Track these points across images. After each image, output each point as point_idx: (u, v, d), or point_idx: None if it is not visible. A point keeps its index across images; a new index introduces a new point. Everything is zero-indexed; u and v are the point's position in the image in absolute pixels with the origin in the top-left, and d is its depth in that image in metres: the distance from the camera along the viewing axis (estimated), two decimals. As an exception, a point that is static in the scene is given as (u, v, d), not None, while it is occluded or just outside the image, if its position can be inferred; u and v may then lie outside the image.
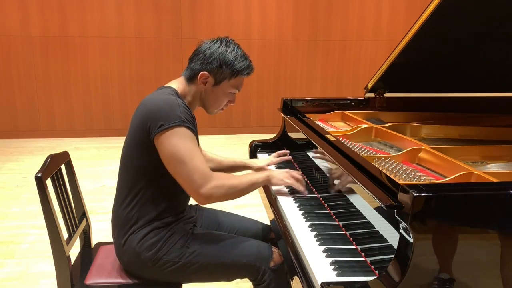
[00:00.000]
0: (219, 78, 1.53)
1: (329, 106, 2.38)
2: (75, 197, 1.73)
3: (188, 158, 1.38)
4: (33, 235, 2.96)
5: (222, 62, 1.50)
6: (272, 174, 1.61)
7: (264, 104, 6.01)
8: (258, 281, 1.51)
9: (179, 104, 1.42)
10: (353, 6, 5.90)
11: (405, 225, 1.01)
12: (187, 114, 1.43)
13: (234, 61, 1.52)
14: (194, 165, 1.38)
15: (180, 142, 1.38)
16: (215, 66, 1.51)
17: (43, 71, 5.41)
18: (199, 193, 1.39)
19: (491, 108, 2.34)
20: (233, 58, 1.51)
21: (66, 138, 5.58)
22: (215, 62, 1.50)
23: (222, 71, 1.52)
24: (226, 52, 1.51)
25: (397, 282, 1.00)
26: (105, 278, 1.53)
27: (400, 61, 2.03)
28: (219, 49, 1.51)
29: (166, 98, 1.44)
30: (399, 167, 1.55)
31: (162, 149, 1.40)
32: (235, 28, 5.68)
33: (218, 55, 1.50)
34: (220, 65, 1.51)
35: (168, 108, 1.40)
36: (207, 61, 1.51)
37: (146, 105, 1.46)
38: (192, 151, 1.40)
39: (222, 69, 1.51)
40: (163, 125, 1.38)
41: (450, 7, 1.70)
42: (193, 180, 1.39)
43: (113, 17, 5.41)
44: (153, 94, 1.50)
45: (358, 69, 6.10)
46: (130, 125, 1.51)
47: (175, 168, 1.40)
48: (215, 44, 1.53)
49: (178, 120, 1.39)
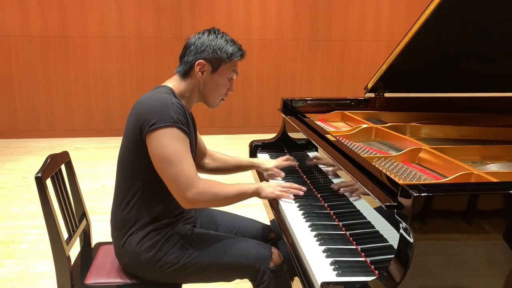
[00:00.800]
0: (216, 63, 1.51)
1: (329, 106, 2.38)
2: (75, 197, 1.73)
3: (176, 160, 1.37)
4: (33, 235, 2.96)
5: (215, 47, 1.49)
6: (262, 187, 1.58)
7: (264, 104, 6.01)
8: (258, 281, 1.51)
9: (173, 104, 1.41)
10: (353, 6, 5.90)
11: (405, 225, 1.01)
12: (181, 115, 1.42)
13: (227, 45, 1.51)
14: (182, 168, 1.37)
15: (170, 143, 1.37)
16: (209, 53, 1.49)
17: (43, 71, 5.41)
18: (185, 196, 1.39)
19: (491, 108, 2.34)
20: (225, 42, 1.51)
21: (66, 138, 5.58)
22: (209, 49, 1.49)
23: (217, 56, 1.50)
24: (217, 38, 1.51)
25: (397, 282, 1.00)
26: (105, 278, 1.52)
27: (400, 61, 2.03)
28: (209, 37, 1.51)
29: (161, 97, 1.43)
30: (399, 167, 1.55)
31: (151, 148, 1.39)
32: (235, 28, 5.68)
33: (210, 42, 1.50)
34: (214, 51, 1.49)
35: (161, 107, 1.39)
36: (200, 51, 1.50)
37: (140, 104, 1.45)
38: (181, 153, 1.38)
39: (217, 54, 1.50)
40: (154, 124, 1.37)
41: (450, 7, 1.70)
42: (179, 183, 1.37)
43: (113, 17, 5.41)
44: (148, 93, 1.49)
45: (358, 69, 6.10)
46: (126, 125, 1.50)
47: (162, 169, 1.39)
48: (203, 35, 1.53)
49: (170, 120, 1.38)
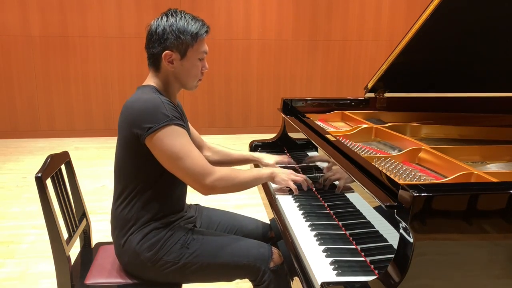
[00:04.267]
0: (183, 49, 1.45)
1: (329, 106, 2.38)
2: (75, 197, 1.73)
3: (185, 154, 1.38)
4: (33, 235, 2.96)
5: (177, 32, 1.43)
6: (276, 172, 1.62)
7: (264, 104, 6.01)
8: (258, 281, 1.51)
9: (163, 102, 1.40)
10: (353, 6, 5.89)
11: (405, 225, 1.01)
12: (174, 110, 1.42)
13: (188, 26, 1.44)
14: (192, 160, 1.39)
15: (173, 140, 1.38)
16: (173, 40, 1.43)
17: (43, 71, 5.41)
18: (203, 185, 1.41)
19: (491, 108, 2.34)
20: (186, 23, 1.44)
21: (66, 138, 5.58)
22: (171, 36, 1.43)
23: (182, 41, 1.44)
24: (176, 21, 1.43)
25: (397, 282, 1.00)
26: (105, 278, 1.53)
27: (400, 61, 2.03)
28: (168, 22, 1.43)
29: (149, 98, 1.41)
30: (399, 167, 1.55)
31: (157, 151, 1.40)
32: (235, 28, 5.68)
33: (170, 27, 1.43)
34: (178, 36, 1.43)
35: (153, 108, 1.38)
36: (163, 39, 1.43)
37: (130, 108, 1.42)
38: (187, 146, 1.40)
39: (181, 40, 1.43)
40: (152, 127, 1.36)
41: (450, 7, 1.70)
42: (195, 174, 1.39)
43: (113, 17, 5.41)
44: (135, 95, 1.46)
45: (358, 69, 6.10)
46: (118, 128, 1.49)
47: (174, 166, 1.40)
48: (162, 20, 1.45)
49: (166, 119, 1.38)
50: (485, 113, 2.30)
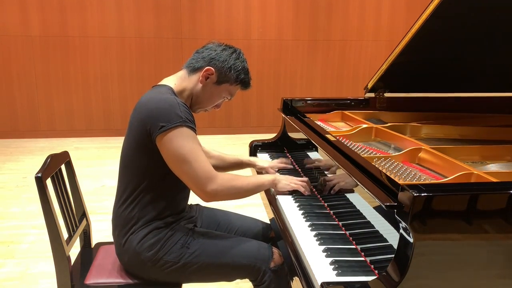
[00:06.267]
0: (223, 79, 1.56)
1: (329, 106, 2.38)
2: (75, 197, 1.73)
3: (192, 158, 1.39)
4: (33, 235, 2.96)
5: (232, 66, 1.54)
6: (278, 179, 1.65)
7: (264, 104, 6.01)
8: (259, 281, 1.51)
9: (178, 104, 1.42)
10: (353, 6, 5.89)
11: (405, 225, 1.01)
12: (188, 113, 1.43)
13: (241, 71, 1.56)
14: (199, 165, 1.39)
15: (183, 142, 1.38)
16: (223, 66, 1.53)
17: (43, 71, 5.41)
18: (205, 191, 1.41)
19: (491, 108, 2.34)
20: (241, 68, 1.57)
21: (66, 138, 5.58)
22: (226, 64, 1.54)
23: (228, 74, 1.55)
24: (237, 59, 1.56)
25: (397, 282, 1.00)
26: (105, 278, 1.53)
27: (400, 61, 2.03)
28: (232, 55, 1.56)
29: (165, 98, 1.43)
30: (399, 167, 1.55)
31: (165, 151, 1.40)
32: (235, 28, 5.68)
33: (229, 58, 1.55)
34: (229, 68, 1.54)
35: (168, 108, 1.40)
36: (217, 59, 1.54)
37: (145, 105, 1.45)
38: (196, 151, 1.40)
39: (229, 72, 1.54)
40: (164, 126, 1.37)
41: (450, 7, 1.70)
42: (199, 179, 1.40)
43: (113, 17, 5.41)
44: (151, 94, 1.49)
45: (358, 69, 6.10)
46: (129, 125, 1.50)
47: (180, 168, 1.41)
48: (228, 50, 1.57)
49: (179, 120, 1.39)
50: (485, 113, 2.30)
